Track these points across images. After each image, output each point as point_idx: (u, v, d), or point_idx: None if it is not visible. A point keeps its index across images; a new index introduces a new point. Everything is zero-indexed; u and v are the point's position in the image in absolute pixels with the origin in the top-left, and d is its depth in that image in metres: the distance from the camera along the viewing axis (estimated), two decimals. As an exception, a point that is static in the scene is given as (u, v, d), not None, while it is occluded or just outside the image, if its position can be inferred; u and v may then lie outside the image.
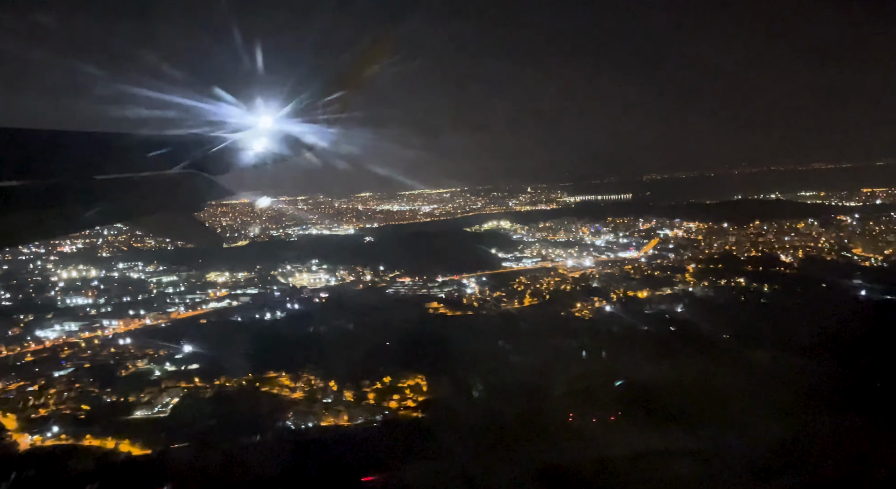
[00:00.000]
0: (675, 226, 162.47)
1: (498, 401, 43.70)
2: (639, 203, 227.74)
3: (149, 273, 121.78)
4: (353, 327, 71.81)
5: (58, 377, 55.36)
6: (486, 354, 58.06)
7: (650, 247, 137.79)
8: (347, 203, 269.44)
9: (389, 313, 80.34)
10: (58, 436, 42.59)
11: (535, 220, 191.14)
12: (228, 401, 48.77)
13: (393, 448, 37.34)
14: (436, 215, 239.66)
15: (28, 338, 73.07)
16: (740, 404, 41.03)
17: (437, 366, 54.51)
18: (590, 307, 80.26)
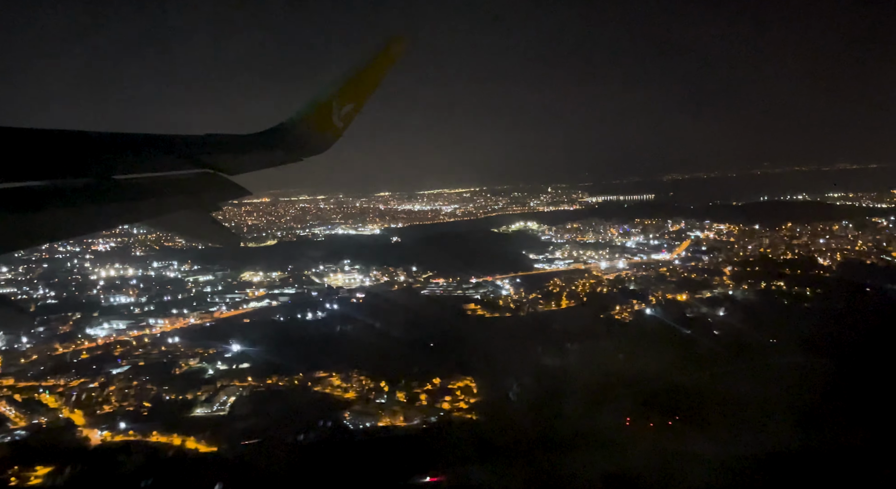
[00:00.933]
0: (705, 227, 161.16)
1: (550, 404, 44.02)
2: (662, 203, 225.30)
3: (184, 272, 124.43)
4: (394, 328, 72.41)
5: (116, 375, 57.08)
6: (531, 356, 58.36)
7: (682, 248, 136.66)
8: (368, 202, 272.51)
9: (428, 315, 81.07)
10: (125, 432, 44.05)
11: (561, 220, 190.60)
12: (283, 399, 49.86)
13: (452, 449, 37.87)
14: (458, 215, 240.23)
15: (79, 336, 75.33)
16: (799, 412, 40.77)
17: (484, 369, 55.01)
18: (629, 310, 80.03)
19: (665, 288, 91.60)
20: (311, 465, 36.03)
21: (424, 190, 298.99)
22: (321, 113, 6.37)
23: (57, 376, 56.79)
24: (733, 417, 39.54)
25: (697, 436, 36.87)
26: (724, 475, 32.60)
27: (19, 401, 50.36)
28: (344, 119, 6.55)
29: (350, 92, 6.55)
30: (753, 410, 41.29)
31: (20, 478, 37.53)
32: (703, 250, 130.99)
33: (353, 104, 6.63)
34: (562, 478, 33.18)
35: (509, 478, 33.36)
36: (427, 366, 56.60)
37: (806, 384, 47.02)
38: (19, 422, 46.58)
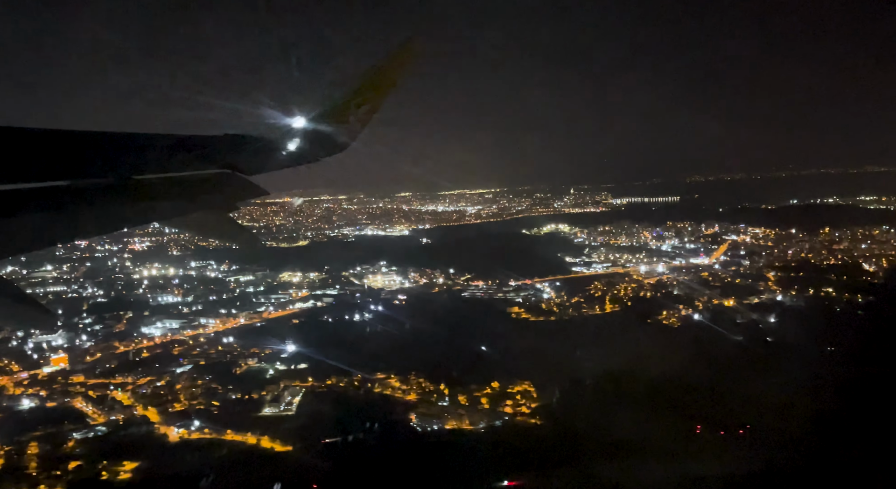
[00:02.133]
0: (741, 231, 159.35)
1: (615, 410, 44.19)
2: (688, 206, 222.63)
3: (224, 272, 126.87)
4: (442, 331, 72.93)
5: (180, 373, 58.76)
6: (586, 361, 58.53)
7: (720, 253, 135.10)
8: (391, 203, 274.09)
9: (473, 317, 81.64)
10: (201, 429, 45.45)
11: (590, 223, 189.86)
12: (347, 400, 50.89)
13: (523, 453, 38.40)
14: (483, 217, 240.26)
15: (135, 335, 77.58)
16: (869, 423, 40.38)
17: (540, 373, 55.36)
18: (676, 315, 79.60)
19: (710, 293, 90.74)
20: (388, 466, 36.85)
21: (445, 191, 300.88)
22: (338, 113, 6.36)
23: (124, 374, 58.67)
24: (807, 428, 39.25)
25: (771, 448, 36.76)
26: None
27: (94, 398, 52.25)
28: (361, 119, 6.57)
29: (367, 92, 6.56)
30: (827, 422, 40.93)
31: (110, 473, 39.11)
32: (742, 254, 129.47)
33: (371, 104, 6.64)
34: (634, 484, 33.42)
35: (584, 483, 33.71)
36: (482, 370, 57.19)
37: (872, 395, 46.49)
38: (98, 418, 48.36)
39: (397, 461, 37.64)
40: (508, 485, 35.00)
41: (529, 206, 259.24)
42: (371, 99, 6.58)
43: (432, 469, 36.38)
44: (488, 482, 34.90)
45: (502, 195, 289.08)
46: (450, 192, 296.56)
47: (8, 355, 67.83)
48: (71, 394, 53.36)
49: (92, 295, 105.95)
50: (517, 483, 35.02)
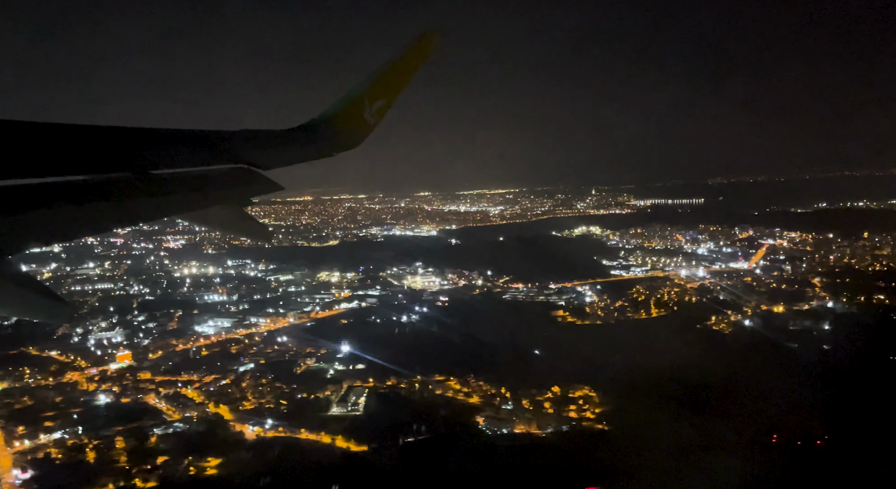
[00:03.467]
0: (776, 235, 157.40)
1: (681, 417, 44.31)
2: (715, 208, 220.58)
3: (263, 271, 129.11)
4: (490, 334, 73.41)
5: (243, 372, 60.18)
6: (642, 366, 58.42)
7: (758, 257, 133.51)
8: (412, 203, 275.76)
9: (519, 320, 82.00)
10: (275, 428, 46.66)
11: (619, 224, 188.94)
12: (411, 402, 51.70)
13: (596, 459, 38.77)
14: (507, 217, 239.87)
15: (189, 333, 79.47)
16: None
17: (598, 377, 55.58)
18: (726, 321, 79.04)
19: (757, 299, 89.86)
20: (466, 470, 37.53)
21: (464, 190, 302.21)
22: (353, 109, 6.36)
23: (189, 371, 60.25)
24: (890, 442, 38.91)
25: (853, 460, 36.58)
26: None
27: (165, 395, 53.89)
28: (376, 115, 6.55)
29: (382, 88, 6.55)
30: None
31: (196, 468, 40.48)
32: (782, 259, 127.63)
33: (385, 100, 6.62)
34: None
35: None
36: (538, 374, 57.56)
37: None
38: (173, 415, 49.89)
39: (474, 465, 38.26)
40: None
41: (552, 207, 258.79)
42: (385, 94, 6.60)
43: (509, 474, 36.92)
44: (565, 486, 35.36)
45: (523, 195, 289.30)
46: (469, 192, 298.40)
47: (73, 351, 70.16)
48: (143, 391, 55.08)
49: (139, 292, 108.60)
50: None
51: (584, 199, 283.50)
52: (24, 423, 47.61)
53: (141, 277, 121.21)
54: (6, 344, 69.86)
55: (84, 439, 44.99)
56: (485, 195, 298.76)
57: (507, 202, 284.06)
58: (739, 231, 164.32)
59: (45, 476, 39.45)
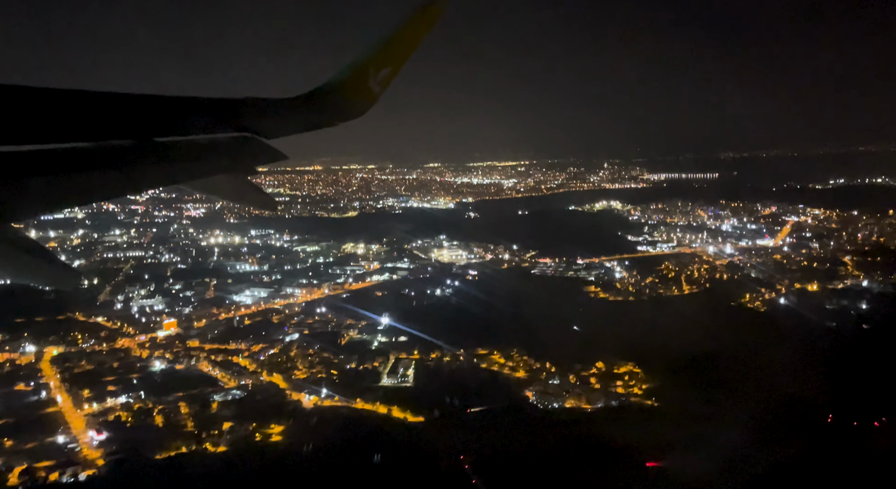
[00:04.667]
0: (800, 212, 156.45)
1: (730, 394, 44.90)
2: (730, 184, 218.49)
3: (288, 241, 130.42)
4: (526, 308, 73.84)
5: (289, 342, 61.50)
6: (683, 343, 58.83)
7: (784, 234, 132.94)
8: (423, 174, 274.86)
9: (551, 295, 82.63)
10: (331, 397, 48.00)
11: (636, 199, 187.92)
12: (457, 374, 52.80)
13: (651, 434, 39.62)
14: (522, 191, 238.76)
15: (227, 302, 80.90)
16: None
17: (640, 353, 56.18)
18: (760, 299, 79.21)
19: (789, 277, 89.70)
20: (525, 443, 38.61)
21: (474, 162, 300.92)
22: (358, 77, 6.25)
23: (237, 340, 61.64)
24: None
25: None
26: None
27: (218, 363, 55.39)
28: (381, 83, 6.44)
29: (387, 56, 6.45)
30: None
31: (262, 435, 41.97)
32: (809, 237, 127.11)
33: (390, 68, 6.52)
34: (781, 474, 34.28)
35: (723, 470, 34.71)
36: (579, 350, 58.22)
37: None
38: (228, 382, 51.39)
39: (531, 438, 39.31)
40: (649, 466, 36.40)
41: (566, 181, 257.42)
42: (391, 63, 6.50)
43: (567, 447, 37.94)
44: (628, 462, 36.32)
45: (534, 168, 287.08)
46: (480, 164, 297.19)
47: (118, 318, 71.79)
48: (195, 359, 56.60)
49: (170, 261, 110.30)
50: (657, 464, 36.40)
51: (596, 173, 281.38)
52: (87, 387, 49.34)
53: (169, 245, 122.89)
54: (52, 309, 71.57)
55: (149, 404, 46.60)
56: (496, 167, 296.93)
57: (520, 175, 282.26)
58: (762, 207, 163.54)
59: (118, 438, 41.08)
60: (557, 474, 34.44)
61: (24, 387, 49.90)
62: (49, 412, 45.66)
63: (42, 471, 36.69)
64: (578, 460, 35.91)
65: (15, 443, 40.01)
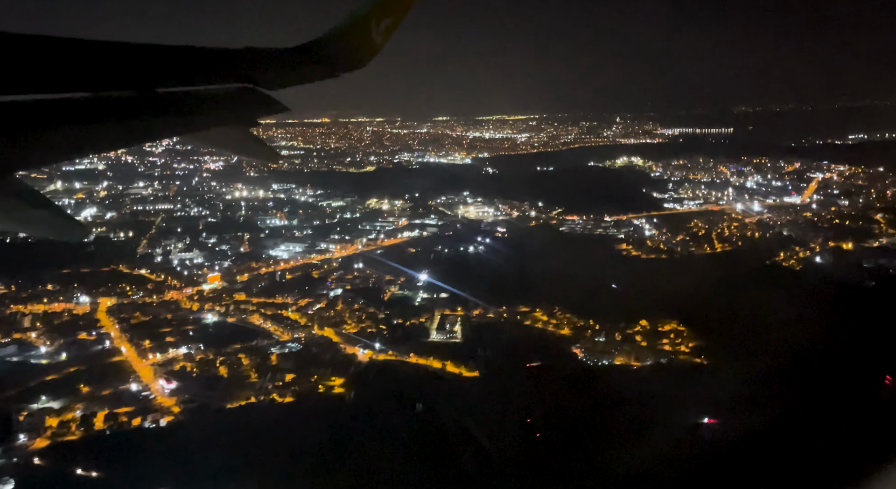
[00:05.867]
0: (824, 168, 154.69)
1: (783, 353, 45.45)
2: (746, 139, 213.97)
3: (311, 196, 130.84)
4: (561, 265, 74.08)
5: (333, 297, 62.70)
6: (722, 301, 59.36)
7: (811, 191, 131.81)
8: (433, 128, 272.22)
9: (584, 253, 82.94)
10: (384, 351, 49.40)
11: (655, 154, 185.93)
12: (505, 331, 53.87)
13: (705, 392, 40.63)
14: (537, 146, 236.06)
15: (263, 256, 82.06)
16: None
17: (682, 311, 56.77)
18: (795, 257, 79.22)
19: (822, 235, 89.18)
20: (587, 396, 39.85)
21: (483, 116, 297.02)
22: (360, 27, 6.14)
23: (283, 294, 62.91)
24: None
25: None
26: None
27: (269, 316, 56.79)
28: (383, 34, 6.34)
29: (389, 6, 6.36)
30: None
31: (325, 387, 43.54)
32: (837, 194, 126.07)
33: (393, 18, 6.40)
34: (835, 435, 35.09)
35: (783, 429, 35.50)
36: (620, 308, 58.87)
37: None
38: (282, 335, 52.85)
39: (586, 393, 40.51)
40: (708, 423, 37.57)
41: (579, 135, 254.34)
42: (393, 13, 6.39)
43: (625, 404, 39.10)
44: (686, 419, 37.49)
45: (545, 122, 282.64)
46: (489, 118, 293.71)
47: (161, 271, 73.13)
48: (245, 312, 58.03)
49: (199, 214, 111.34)
50: (714, 421, 37.54)
51: (609, 128, 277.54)
52: (147, 338, 50.98)
53: (195, 198, 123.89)
54: (95, 261, 73.01)
55: (209, 355, 48.19)
56: (506, 121, 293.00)
57: (531, 129, 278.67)
58: (785, 163, 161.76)
59: (187, 387, 42.81)
60: (617, 430, 35.66)
61: (86, 336, 51.64)
62: (116, 361, 47.45)
63: (123, 416, 38.50)
64: (636, 417, 37.03)
65: (92, 390, 41.85)
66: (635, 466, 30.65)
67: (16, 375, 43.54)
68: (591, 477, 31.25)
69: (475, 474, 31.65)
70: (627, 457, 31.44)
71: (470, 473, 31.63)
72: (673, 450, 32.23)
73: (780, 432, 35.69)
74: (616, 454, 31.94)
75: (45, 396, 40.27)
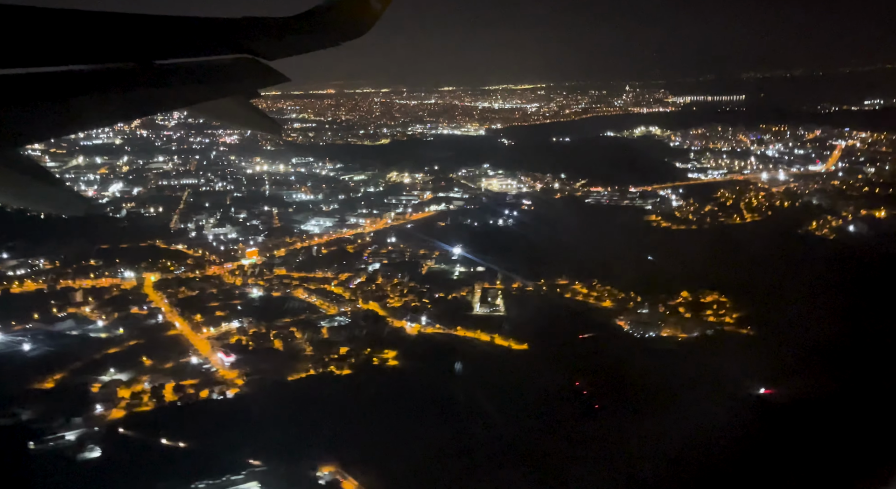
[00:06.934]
0: (845, 135, 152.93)
1: (827, 322, 45.61)
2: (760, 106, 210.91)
3: (331, 170, 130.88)
4: (592, 238, 74.00)
5: (372, 272, 63.36)
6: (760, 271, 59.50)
7: (835, 159, 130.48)
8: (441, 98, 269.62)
9: (614, 225, 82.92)
10: (432, 325, 50.23)
11: (669, 123, 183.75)
12: (547, 303, 54.42)
13: (758, 362, 41.12)
14: (548, 116, 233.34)
15: (295, 231, 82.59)
16: None
17: (721, 282, 57.06)
18: (828, 226, 78.83)
19: (853, 203, 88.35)
20: (639, 367, 40.57)
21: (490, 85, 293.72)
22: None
23: (324, 269, 63.55)
24: None
25: None
26: None
27: (313, 290, 57.67)
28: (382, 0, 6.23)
29: None
30: None
31: (379, 359, 44.55)
32: (862, 161, 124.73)
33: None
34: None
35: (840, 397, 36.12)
36: (659, 279, 59.20)
37: None
38: (329, 309, 53.80)
39: (639, 365, 41.19)
40: (764, 393, 38.27)
41: (590, 105, 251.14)
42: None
43: (677, 375, 39.76)
44: (742, 390, 38.16)
45: (553, 91, 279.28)
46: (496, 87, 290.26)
47: (197, 246, 73.97)
48: (289, 287, 58.96)
49: (224, 189, 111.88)
50: (771, 391, 38.21)
51: (619, 96, 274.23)
52: (197, 312, 52.07)
53: (217, 173, 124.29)
54: (132, 237, 74.00)
55: (262, 329, 49.30)
56: (514, 91, 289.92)
57: (541, 98, 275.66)
58: (805, 131, 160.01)
59: (246, 360, 43.96)
60: (675, 402, 36.38)
61: (138, 310, 52.81)
62: (172, 335, 48.66)
63: (190, 388, 39.75)
64: (692, 388, 37.70)
65: (154, 363, 43.09)
66: (698, 438, 31.41)
67: (79, 348, 44.86)
68: (653, 448, 32.05)
69: (542, 446, 32.62)
70: (689, 429, 32.18)
71: (538, 445, 32.60)
72: (734, 422, 32.95)
73: (839, 403, 36.29)
74: (678, 426, 32.68)
75: (113, 368, 41.57)
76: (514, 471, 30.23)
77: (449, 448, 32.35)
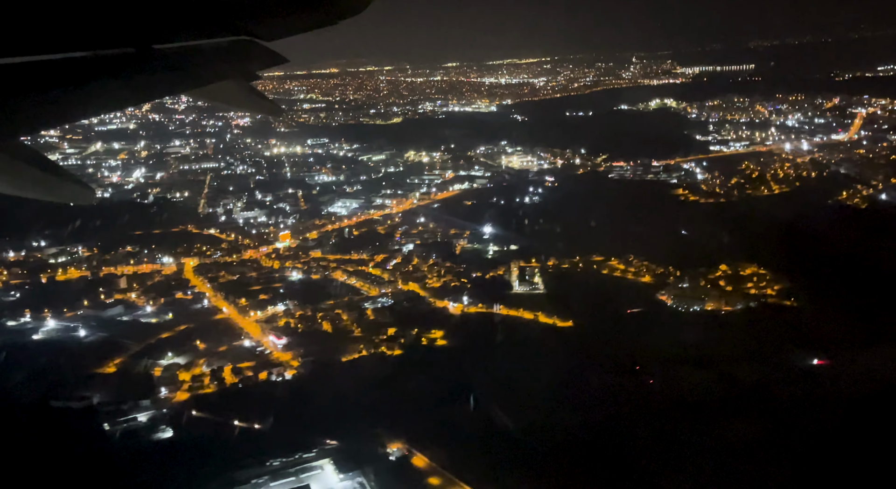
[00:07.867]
0: (864, 103, 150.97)
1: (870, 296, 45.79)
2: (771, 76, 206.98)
3: (348, 150, 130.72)
4: (623, 213, 73.65)
5: (407, 253, 63.71)
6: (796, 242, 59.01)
7: (857, 128, 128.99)
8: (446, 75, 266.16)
9: (641, 200, 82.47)
10: (474, 304, 50.66)
11: (683, 95, 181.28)
12: (585, 280, 54.71)
13: (806, 333, 41.37)
14: (557, 90, 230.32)
15: (323, 213, 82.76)
16: None
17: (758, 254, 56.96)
18: (858, 196, 78.21)
19: (881, 172, 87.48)
20: (688, 341, 40.95)
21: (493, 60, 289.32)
22: None
23: (359, 251, 63.94)
24: None
25: None
26: None
27: (351, 273, 58.22)
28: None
29: None
30: None
31: (427, 339, 45.18)
32: (885, 129, 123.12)
33: None
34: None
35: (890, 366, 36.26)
36: (695, 253, 59.13)
37: None
38: (370, 290, 54.34)
39: (688, 338, 41.54)
40: (818, 364, 38.56)
41: (598, 78, 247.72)
42: None
43: (729, 347, 40.10)
44: (796, 362, 38.46)
45: (559, 64, 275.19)
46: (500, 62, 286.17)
47: (228, 230, 74.34)
48: (327, 269, 59.50)
49: (246, 172, 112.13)
50: (825, 362, 38.50)
51: (626, 68, 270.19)
52: (241, 296, 52.73)
53: (235, 156, 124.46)
54: (163, 222, 74.42)
55: (308, 311, 49.98)
56: (519, 65, 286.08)
57: (547, 73, 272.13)
58: (824, 100, 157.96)
59: (298, 342, 44.72)
60: (731, 376, 36.77)
61: (183, 295, 53.61)
62: (220, 318, 49.49)
63: (248, 370, 40.62)
64: (746, 362, 38.08)
65: (208, 346, 43.96)
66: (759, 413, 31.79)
67: (132, 333, 45.78)
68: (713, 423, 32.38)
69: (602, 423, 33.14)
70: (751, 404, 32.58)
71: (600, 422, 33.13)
72: (791, 393, 33.34)
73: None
74: (738, 402, 33.09)
75: (170, 352, 42.49)
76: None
77: (514, 426, 32.96)
